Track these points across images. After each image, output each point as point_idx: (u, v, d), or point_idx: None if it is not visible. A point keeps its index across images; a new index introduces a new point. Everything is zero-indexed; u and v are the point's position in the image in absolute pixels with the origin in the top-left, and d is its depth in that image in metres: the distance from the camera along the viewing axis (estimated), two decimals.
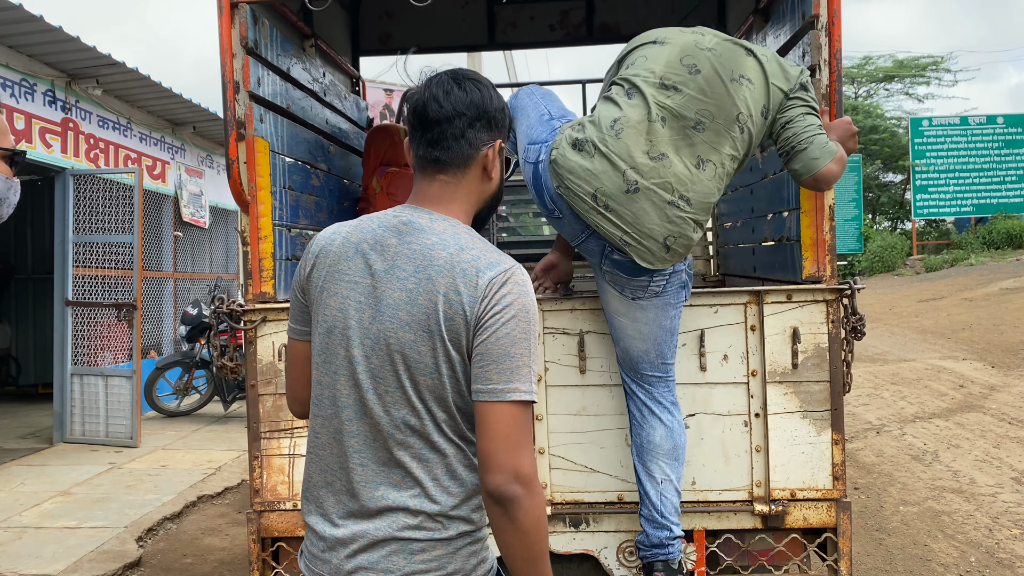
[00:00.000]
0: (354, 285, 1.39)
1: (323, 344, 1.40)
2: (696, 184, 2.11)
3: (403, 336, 1.33)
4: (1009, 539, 4.17)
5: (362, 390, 1.36)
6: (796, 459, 2.42)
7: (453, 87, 1.45)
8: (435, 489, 1.34)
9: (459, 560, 1.35)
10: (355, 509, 1.36)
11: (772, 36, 2.93)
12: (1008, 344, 9.43)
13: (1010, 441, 5.88)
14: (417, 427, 1.34)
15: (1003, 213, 18.25)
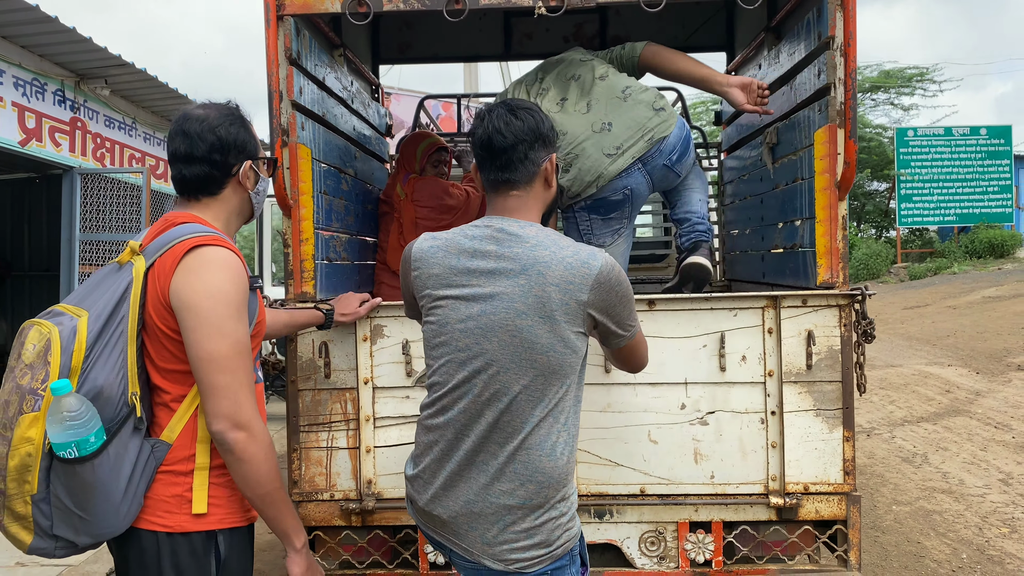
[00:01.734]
0: (460, 289, 1.78)
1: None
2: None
3: (520, 323, 1.71)
4: (998, 537, 4.35)
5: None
6: (809, 455, 2.57)
7: (511, 118, 1.81)
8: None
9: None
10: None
11: (786, 54, 3.08)
12: (991, 351, 9.66)
13: (996, 444, 6.07)
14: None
15: (985, 223, 18.61)
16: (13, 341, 1.77)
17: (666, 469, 2.60)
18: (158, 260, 1.74)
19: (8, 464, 1.66)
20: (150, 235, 1.83)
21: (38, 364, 1.66)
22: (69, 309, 1.74)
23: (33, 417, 1.66)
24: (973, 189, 18.65)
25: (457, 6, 2.58)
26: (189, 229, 1.78)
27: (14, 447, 1.66)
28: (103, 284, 1.77)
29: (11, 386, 1.68)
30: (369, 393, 2.64)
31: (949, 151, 18.63)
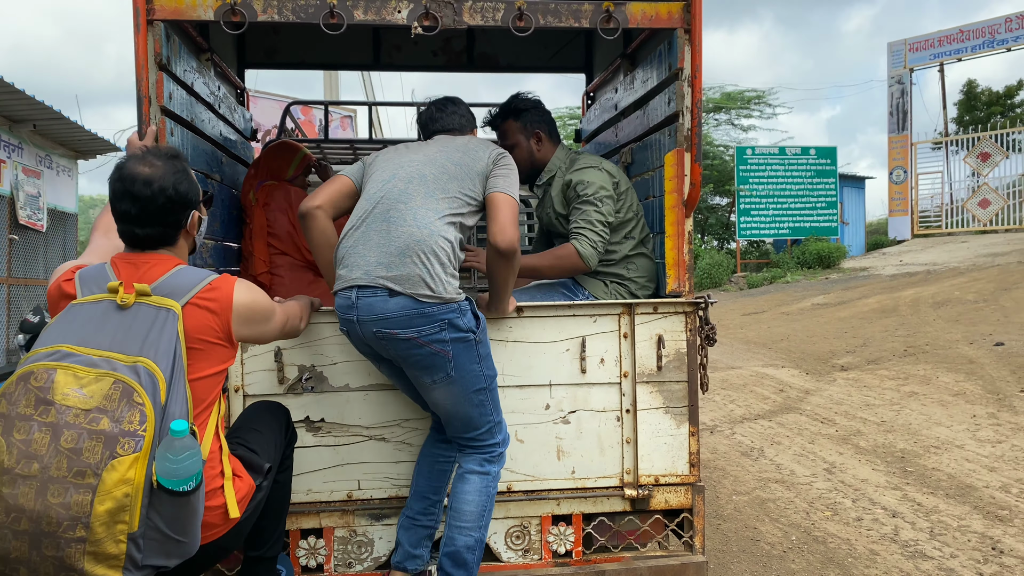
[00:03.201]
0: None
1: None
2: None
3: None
4: (822, 520, 4.81)
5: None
6: (660, 449, 2.81)
7: (448, 103, 2.82)
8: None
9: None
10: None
11: (640, 81, 3.34)
12: (819, 353, 10.55)
13: (822, 438, 6.67)
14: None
15: (815, 236, 20.19)
16: (6, 383, 1.75)
17: (531, 466, 2.76)
18: (201, 294, 1.99)
19: (96, 510, 1.70)
20: (147, 276, 1.98)
21: (115, 410, 1.73)
22: (103, 355, 1.81)
23: (133, 458, 1.73)
24: (804, 205, 20.23)
25: (333, 20, 2.65)
26: (202, 272, 2.06)
27: (106, 492, 1.71)
28: (129, 323, 1.88)
29: (76, 433, 1.71)
30: (240, 400, 2.65)
31: (783, 169, 20.14)
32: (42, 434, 1.71)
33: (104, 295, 1.92)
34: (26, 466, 1.70)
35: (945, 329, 10.84)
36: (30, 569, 1.73)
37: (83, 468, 1.70)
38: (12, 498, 1.70)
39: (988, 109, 25.70)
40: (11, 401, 1.75)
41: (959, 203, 22.32)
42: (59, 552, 1.71)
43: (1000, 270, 14.85)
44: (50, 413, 1.72)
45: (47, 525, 1.69)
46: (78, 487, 1.69)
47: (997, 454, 5.81)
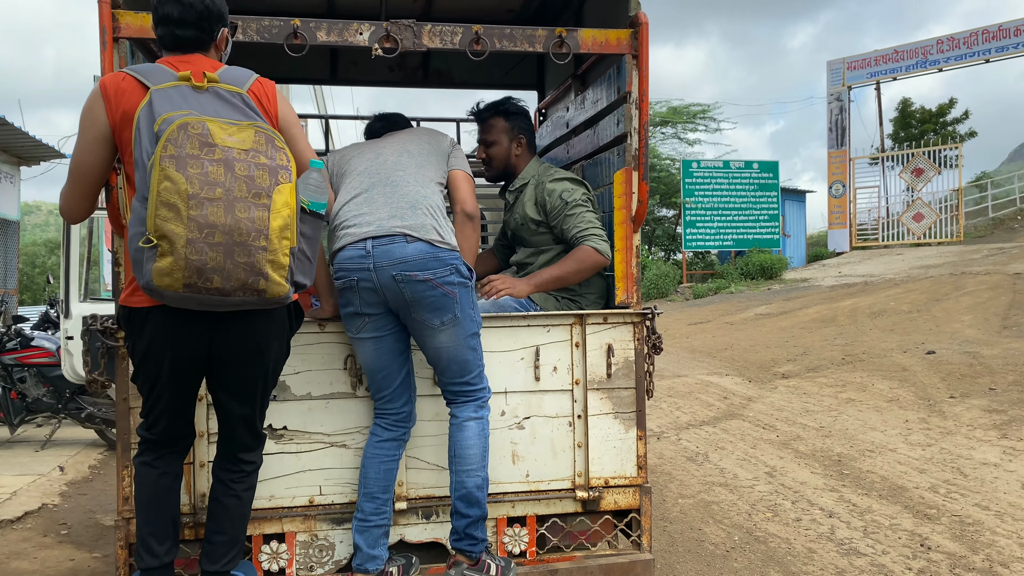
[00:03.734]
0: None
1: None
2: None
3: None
4: (763, 521, 5.02)
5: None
6: (609, 452, 2.95)
7: (392, 114, 3.25)
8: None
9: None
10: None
11: (591, 101, 3.50)
12: (761, 362, 10.88)
13: (764, 443, 6.92)
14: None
15: (758, 248, 20.73)
16: (167, 131, 2.05)
17: (488, 471, 2.88)
18: (255, 85, 2.33)
19: (272, 224, 2.08)
20: (205, 68, 2.27)
21: (266, 150, 2.11)
22: (219, 119, 2.13)
23: (291, 186, 2.14)
24: (747, 217, 20.77)
25: (296, 41, 2.75)
26: (247, 70, 2.38)
27: (277, 210, 2.09)
28: (216, 101, 2.19)
29: (246, 164, 2.07)
30: (204, 410, 2.71)
31: (727, 182, 20.66)
32: (215, 167, 2.04)
33: (178, 82, 2.19)
34: (210, 191, 2.03)
35: (881, 338, 11.28)
36: (224, 276, 2.06)
37: (258, 190, 2.06)
38: (202, 218, 2.02)
39: (922, 127, 26.71)
40: (177, 144, 2.04)
41: (895, 217, 23.17)
42: (250, 258, 2.06)
43: (932, 282, 15.47)
44: (215, 152, 2.05)
45: (238, 236, 2.05)
46: (257, 205, 2.06)
47: (927, 457, 6.11)
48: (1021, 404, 7.36)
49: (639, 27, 2.88)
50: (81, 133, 2.29)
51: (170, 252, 2.03)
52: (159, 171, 2.03)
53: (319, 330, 2.80)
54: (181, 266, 2.03)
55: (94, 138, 2.27)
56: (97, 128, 2.25)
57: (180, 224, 2.01)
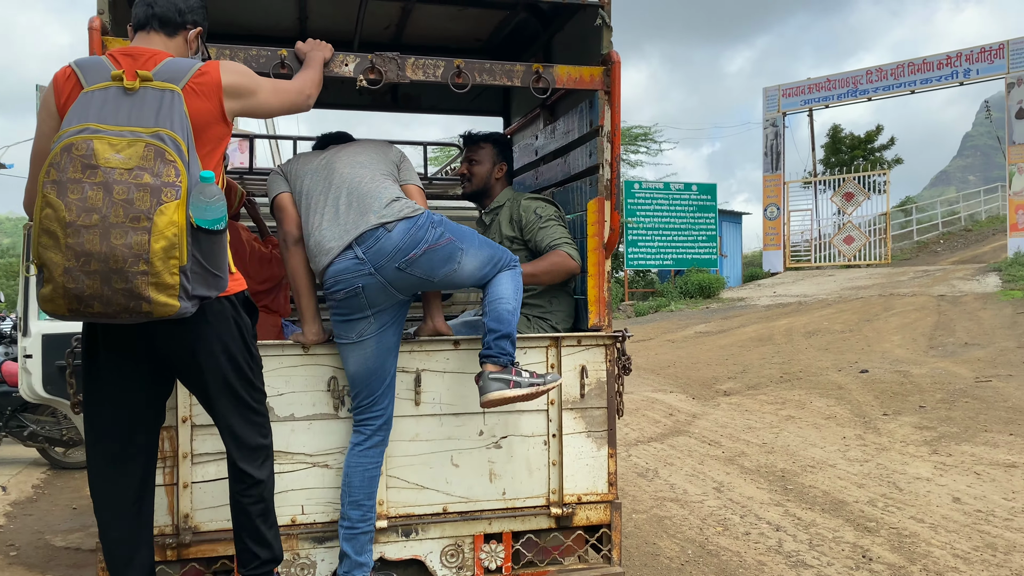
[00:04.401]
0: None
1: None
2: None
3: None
4: (715, 535, 5.21)
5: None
6: (582, 470, 3.07)
7: (340, 132, 2.94)
8: None
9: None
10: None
11: (562, 132, 3.65)
12: (703, 379, 11.19)
13: (711, 459, 7.15)
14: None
15: (696, 267, 21.24)
16: (51, 154, 2.05)
17: (465, 489, 2.97)
18: (193, 78, 2.28)
19: (153, 247, 2.05)
20: (144, 65, 2.25)
21: (153, 166, 2.06)
22: (126, 128, 2.10)
23: (176, 204, 2.08)
24: (687, 237, 21.28)
25: (284, 71, 2.82)
26: (191, 60, 2.36)
27: (159, 232, 2.05)
28: (139, 104, 2.16)
29: (125, 187, 2.03)
30: (188, 431, 2.75)
31: (667, 203, 21.15)
32: (95, 191, 2.02)
33: (110, 82, 2.18)
34: (87, 218, 2.01)
35: (816, 357, 11.71)
36: (103, 302, 2.06)
37: (137, 214, 2.03)
38: (79, 246, 2.01)
39: (851, 152, 27.80)
40: (60, 169, 2.03)
41: (826, 239, 24.02)
42: (127, 284, 2.04)
43: (863, 302, 16.10)
44: (97, 175, 2.02)
45: (114, 263, 2.02)
46: (136, 229, 2.03)
47: (864, 472, 6.40)
48: (949, 421, 7.76)
49: (612, 65, 3.03)
50: (39, 124, 2.33)
51: (50, 280, 2.06)
52: (41, 197, 2.06)
53: (302, 352, 2.86)
54: (60, 293, 2.06)
55: (50, 128, 2.27)
56: (52, 119, 2.27)
57: (58, 252, 2.04)
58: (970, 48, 20.65)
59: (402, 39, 4.19)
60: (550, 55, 3.94)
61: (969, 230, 26.82)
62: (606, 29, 3.09)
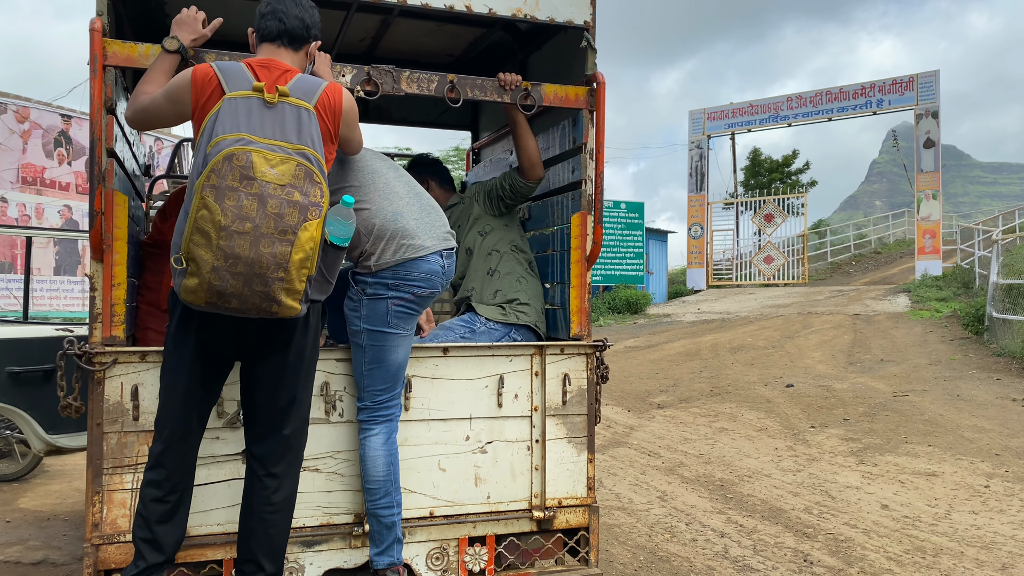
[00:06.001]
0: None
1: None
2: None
3: None
4: (663, 541, 5.38)
5: None
6: (563, 475, 3.18)
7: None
8: None
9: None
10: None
11: (541, 147, 3.76)
12: (637, 392, 11.45)
13: (652, 469, 7.35)
14: None
15: (624, 284, 21.70)
16: (213, 160, 2.23)
17: (451, 493, 3.04)
18: (322, 97, 2.49)
19: (292, 258, 2.29)
20: (282, 76, 2.46)
21: (302, 186, 2.29)
22: (276, 143, 2.32)
23: (318, 223, 2.33)
24: (615, 255, 21.74)
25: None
26: (318, 79, 2.56)
27: (300, 246, 2.30)
28: (280, 119, 2.36)
29: (278, 201, 2.26)
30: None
31: None
32: (250, 201, 2.23)
33: (251, 93, 2.37)
34: (240, 224, 2.23)
35: (743, 372, 12.14)
36: (241, 300, 2.30)
37: (285, 227, 2.26)
38: (229, 248, 2.23)
39: (769, 175, 28.91)
40: (220, 175, 2.23)
41: (747, 258, 24.88)
42: (267, 288, 2.29)
43: (784, 320, 16.76)
44: (253, 186, 2.24)
45: (259, 268, 2.26)
46: (282, 241, 2.27)
47: (798, 481, 6.70)
48: (872, 433, 8.19)
49: (598, 86, 3.17)
50: (159, 96, 2.51)
51: (196, 274, 2.27)
52: (199, 198, 2.25)
53: None
54: (204, 288, 2.28)
55: (167, 105, 2.51)
56: (175, 105, 2.49)
57: (209, 251, 2.24)
58: (883, 80, 21.82)
59: (375, 52, 4.24)
60: (525, 73, 4.05)
61: (879, 252, 28.20)
62: (591, 51, 3.22)
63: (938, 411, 8.90)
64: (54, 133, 11.84)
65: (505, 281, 3.48)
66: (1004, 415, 8.68)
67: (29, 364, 5.18)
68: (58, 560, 4.88)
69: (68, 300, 12.39)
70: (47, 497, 6.31)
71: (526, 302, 3.45)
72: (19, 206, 11.93)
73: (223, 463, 2.78)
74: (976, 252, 17.91)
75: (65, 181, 12.32)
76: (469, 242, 3.60)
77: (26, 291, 5.69)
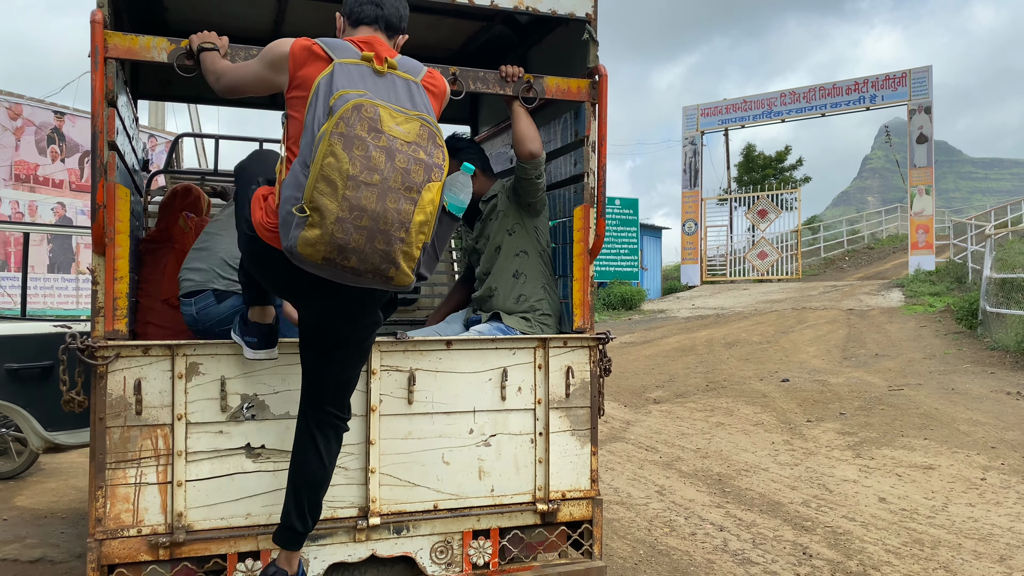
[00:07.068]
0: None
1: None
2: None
3: None
4: (663, 535, 5.39)
5: None
6: (567, 467, 3.17)
7: None
8: None
9: None
10: None
11: (544, 140, 3.75)
12: (633, 388, 11.46)
13: (649, 464, 7.36)
14: None
15: (618, 280, 21.72)
16: (341, 109, 2.16)
17: (456, 486, 3.04)
18: (427, 76, 2.51)
19: (414, 219, 2.20)
20: (387, 52, 2.43)
21: (427, 146, 2.22)
22: (397, 106, 2.26)
23: (439, 185, 2.26)
24: (609, 250, 21.76)
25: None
26: (418, 62, 2.54)
27: (422, 207, 2.21)
28: (392, 86, 2.32)
29: (405, 157, 2.18)
30: (183, 429, 2.72)
31: None
32: (379, 153, 2.15)
33: (360, 61, 2.33)
34: (368, 176, 2.14)
35: (738, 367, 12.16)
36: (360, 258, 2.19)
37: (411, 184, 2.18)
38: (356, 199, 2.14)
39: (763, 171, 28.96)
40: (348, 124, 2.15)
41: (741, 254, 24.92)
42: (388, 247, 2.19)
43: (778, 315, 16.79)
44: (381, 139, 2.16)
45: (383, 223, 2.16)
46: (407, 199, 2.18)
47: (795, 475, 6.72)
48: (868, 427, 8.21)
49: (600, 78, 3.16)
50: (257, 65, 2.53)
51: (319, 225, 2.15)
52: (327, 145, 2.15)
53: (297, 350, 2.87)
54: (326, 240, 2.16)
55: (261, 74, 2.52)
56: (272, 72, 2.49)
57: (334, 201, 2.14)
58: (876, 75, 21.87)
59: None
60: (526, 67, 4.04)
61: (872, 248, 28.31)
62: (592, 43, 3.22)
63: (933, 405, 8.94)
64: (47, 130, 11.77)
65: (529, 286, 3.43)
66: (999, 408, 8.72)
67: (27, 361, 5.16)
68: (56, 558, 4.86)
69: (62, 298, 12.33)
70: (44, 495, 6.28)
71: (549, 313, 3.43)
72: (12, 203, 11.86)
73: (227, 457, 2.77)
74: (969, 247, 17.98)
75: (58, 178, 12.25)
76: (498, 239, 3.51)
77: (23, 287, 5.66)
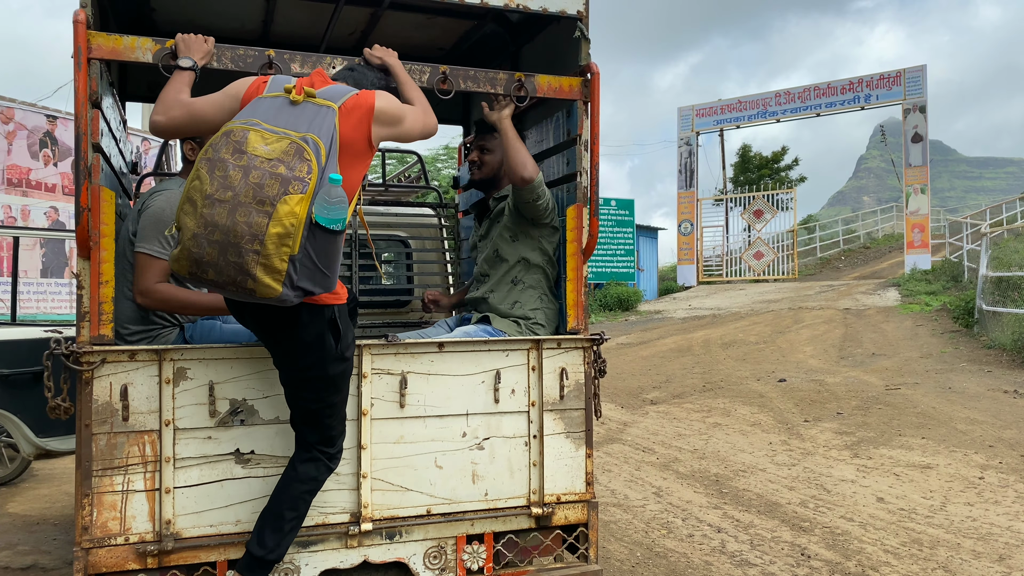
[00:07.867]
0: None
1: None
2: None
3: None
4: (660, 537, 5.35)
5: None
6: (561, 470, 3.14)
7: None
8: None
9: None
10: None
11: (533, 140, 3.72)
12: (629, 389, 11.43)
13: (647, 465, 7.33)
14: None
15: (615, 281, 21.69)
16: (214, 136, 2.32)
17: (449, 490, 3.00)
18: (349, 100, 2.54)
19: (269, 231, 2.23)
20: (319, 83, 2.56)
21: (290, 161, 2.27)
22: (280, 129, 2.34)
23: (300, 198, 2.26)
24: (606, 251, 21.72)
25: (271, 71, 2.80)
26: (353, 89, 2.63)
27: (278, 219, 2.23)
28: (298, 113, 2.41)
29: (261, 173, 2.24)
30: (171, 435, 2.68)
31: None
32: (236, 172, 2.25)
33: (281, 93, 2.48)
34: (222, 193, 2.24)
35: (735, 367, 12.13)
36: (216, 271, 2.27)
37: (263, 198, 2.23)
38: (210, 216, 2.24)
39: (759, 171, 28.97)
40: (215, 148, 2.29)
41: (737, 254, 24.91)
42: (240, 259, 2.24)
43: (774, 315, 16.77)
44: (243, 159, 2.26)
45: (233, 237, 2.22)
46: (258, 212, 2.23)
47: (793, 475, 6.69)
48: (866, 427, 8.19)
49: (592, 76, 3.13)
50: (217, 95, 2.62)
51: (182, 242, 2.30)
52: (195, 170, 2.31)
53: None
54: (185, 255, 2.29)
55: (221, 103, 2.61)
56: (230, 100, 2.60)
57: (193, 219, 2.27)
58: (870, 75, 21.87)
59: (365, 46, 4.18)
60: (518, 65, 4.01)
61: (868, 247, 28.31)
62: (584, 41, 3.19)
63: (931, 404, 8.92)
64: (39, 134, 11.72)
65: (527, 294, 3.39)
66: (996, 407, 8.70)
67: (17, 366, 5.11)
68: (47, 565, 4.81)
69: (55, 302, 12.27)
70: (36, 501, 6.23)
71: (543, 323, 3.38)
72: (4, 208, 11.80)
73: (215, 463, 2.73)
74: (964, 246, 17.98)
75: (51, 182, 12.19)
76: (499, 243, 3.45)
77: (14, 292, 5.60)
